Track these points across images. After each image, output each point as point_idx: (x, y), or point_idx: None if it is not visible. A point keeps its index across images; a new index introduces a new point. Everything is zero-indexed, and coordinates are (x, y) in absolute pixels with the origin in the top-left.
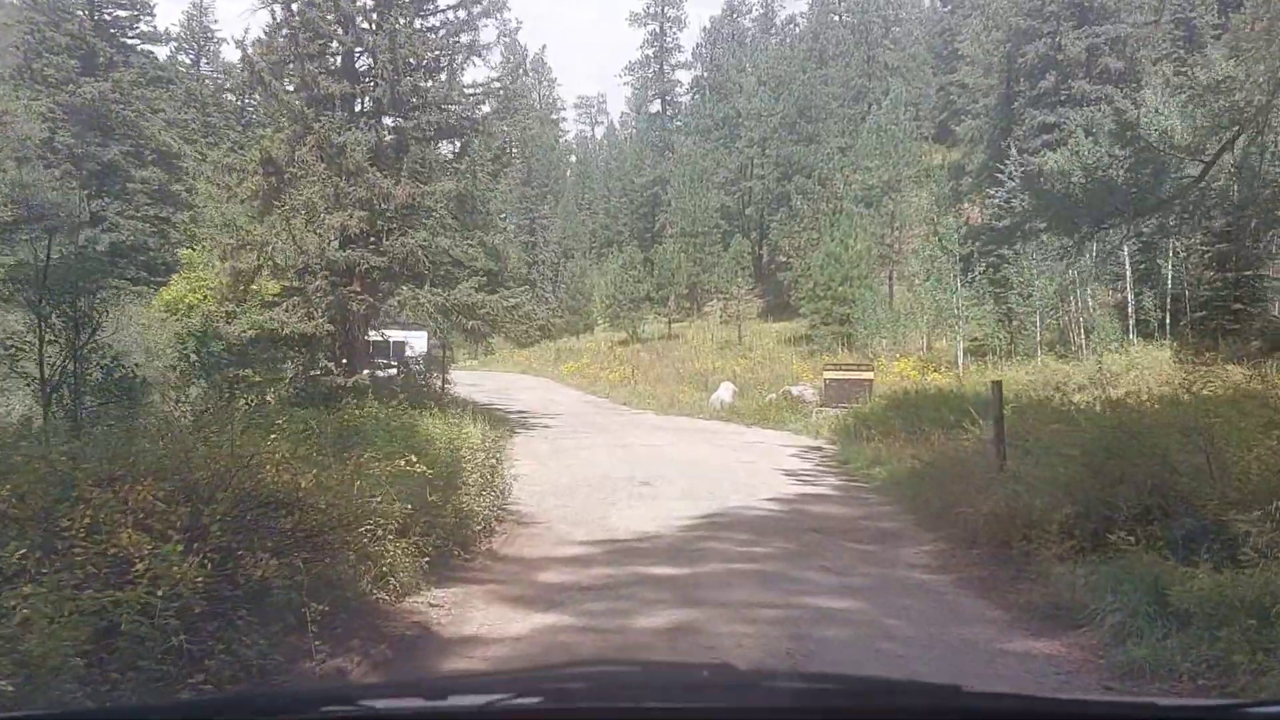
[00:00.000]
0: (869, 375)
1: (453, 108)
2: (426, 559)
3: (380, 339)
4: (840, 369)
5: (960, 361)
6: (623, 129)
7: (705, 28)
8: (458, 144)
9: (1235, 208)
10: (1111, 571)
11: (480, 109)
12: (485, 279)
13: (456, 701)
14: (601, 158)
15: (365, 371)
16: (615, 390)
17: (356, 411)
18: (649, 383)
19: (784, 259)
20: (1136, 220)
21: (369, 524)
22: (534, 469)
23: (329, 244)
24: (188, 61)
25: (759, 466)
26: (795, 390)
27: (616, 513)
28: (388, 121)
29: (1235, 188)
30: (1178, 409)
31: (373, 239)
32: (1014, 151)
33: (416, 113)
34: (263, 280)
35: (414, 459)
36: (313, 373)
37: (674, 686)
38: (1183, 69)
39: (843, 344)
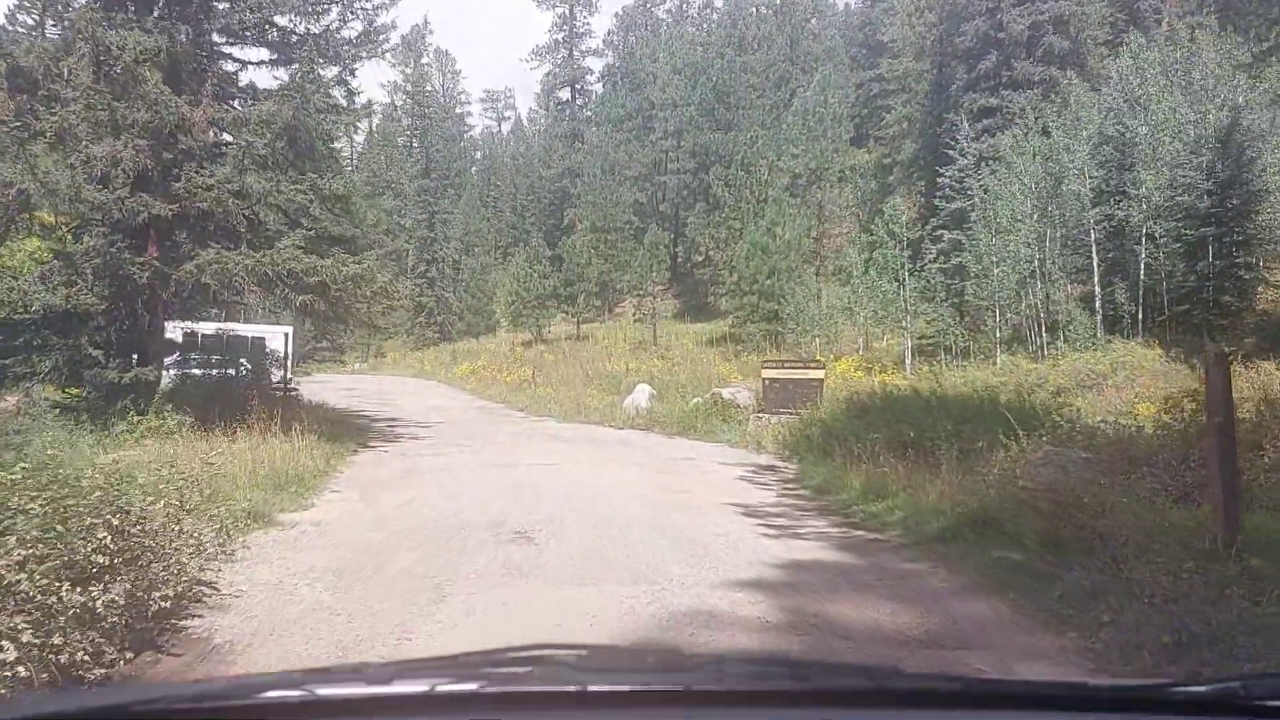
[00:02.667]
0: (819, 374)
1: (278, 19)
2: None
3: (236, 335)
4: (783, 367)
5: (909, 361)
6: (531, 125)
7: (618, 14)
8: (295, 69)
9: None
10: None
11: (322, 19)
12: (332, 244)
13: (401, 687)
14: (508, 153)
15: (171, 369)
16: (513, 394)
17: None
18: (552, 386)
19: (701, 257)
20: None
21: None
22: (348, 509)
23: (113, 186)
24: (31, 21)
25: (702, 501)
26: (727, 393)
27: (429, 632)
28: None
29: None
30: None
31: (176, 180)
32: (965, 126)
33: (226, 15)
34: (20, 237)
35: None
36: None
37: (619, 669)
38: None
39: (772, 343)
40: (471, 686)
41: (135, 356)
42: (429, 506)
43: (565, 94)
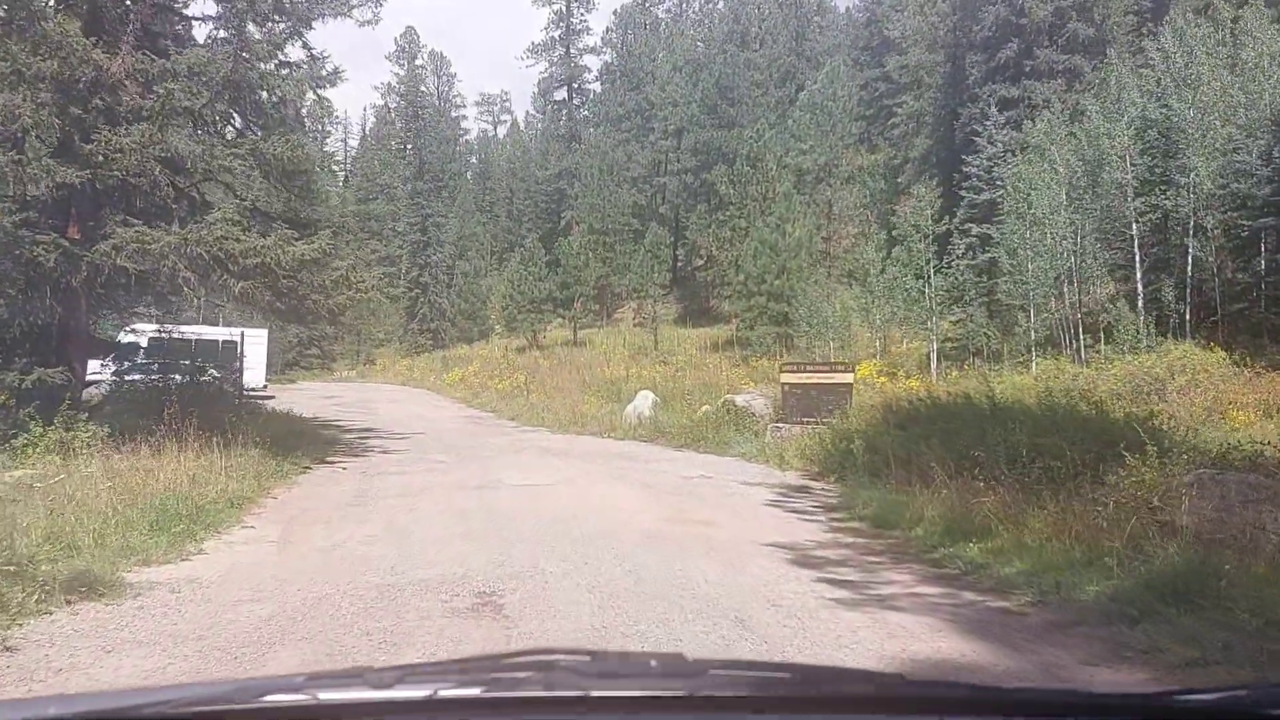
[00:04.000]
0: (846, 379)
1: None
2: None
3: (203, 339)
4: (803, 370)
5: (934, 366)
6: (528, 129)
7: (616, 11)
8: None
9: None
10: None
11: None
12: (280, 222)
13: (404, 691)
14: (504, 157)
15: (99, 378)
16: (504, 402)
17: None
18: (547, 393)
19: (702, 260)
20: None
21: None
22: (247, 558)
23: (25, 153)
24: None
25: (731, 538)
26: (740, 400)
27: None
28: None
29: None
30: None
31: (97, 144)
32: (994, 113)
33: None
34: None
35: None
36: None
37: (622, 674)
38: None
39: (782, 346)
40: (475, 691)
41: (53, 357)
42: (364, 552)
43: (562, 94)
